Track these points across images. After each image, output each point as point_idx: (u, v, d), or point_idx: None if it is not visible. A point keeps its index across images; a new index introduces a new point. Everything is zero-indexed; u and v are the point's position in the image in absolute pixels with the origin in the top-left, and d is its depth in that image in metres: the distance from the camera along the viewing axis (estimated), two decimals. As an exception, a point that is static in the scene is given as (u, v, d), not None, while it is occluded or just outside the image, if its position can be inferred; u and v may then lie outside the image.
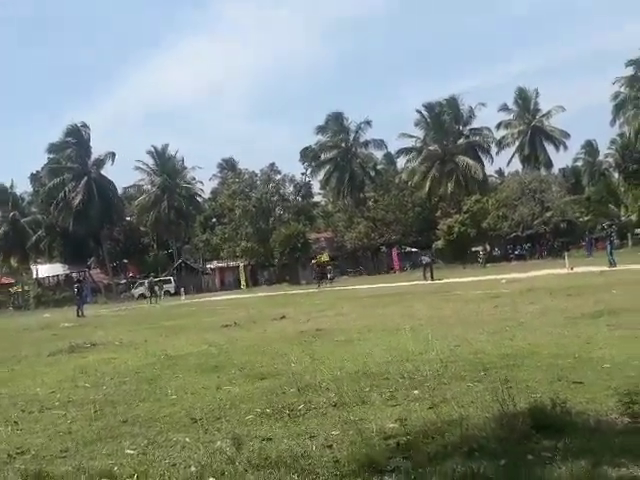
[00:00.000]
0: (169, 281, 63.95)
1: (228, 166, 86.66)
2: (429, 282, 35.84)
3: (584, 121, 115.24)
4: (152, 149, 74.75)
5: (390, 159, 77.24)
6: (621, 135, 72.03)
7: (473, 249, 60.01)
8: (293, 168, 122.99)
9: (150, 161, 74.85)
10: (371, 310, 19.12)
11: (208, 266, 71.37)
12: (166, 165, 74.41)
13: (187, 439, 6.06)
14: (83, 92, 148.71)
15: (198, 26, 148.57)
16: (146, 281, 53.19)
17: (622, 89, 62.61)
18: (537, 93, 71.27)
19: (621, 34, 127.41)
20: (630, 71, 60.98)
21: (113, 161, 70.49)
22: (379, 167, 74.11)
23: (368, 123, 70.15)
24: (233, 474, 4.80)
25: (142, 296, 59.95)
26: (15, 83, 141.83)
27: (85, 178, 67.78)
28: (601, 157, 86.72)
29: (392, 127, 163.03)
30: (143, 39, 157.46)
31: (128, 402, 8.30)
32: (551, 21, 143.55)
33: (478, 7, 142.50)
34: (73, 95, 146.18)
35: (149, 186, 75.56)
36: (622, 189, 65.76)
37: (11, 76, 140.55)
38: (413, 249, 67.14)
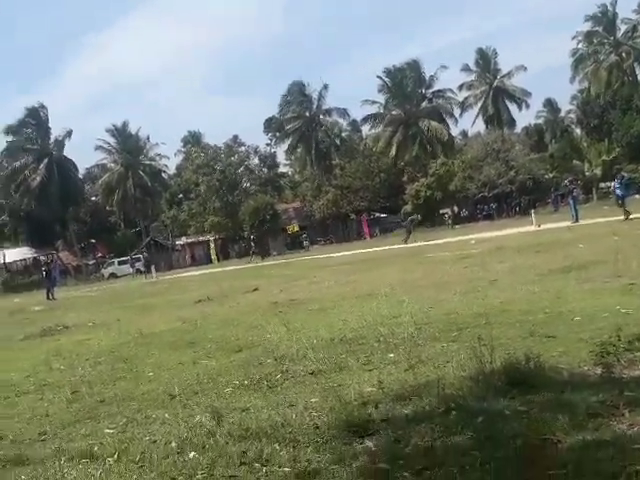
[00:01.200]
0: (139, 259, 63.50)
1: (193, 140, 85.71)
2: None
3: (545, 79, 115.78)
4: (112, 127, 73.82)
5: (355, 126, 76.98)
6: (581, 91, 72.66)
7: (441, 211, 60.43)
8: (258, 140, 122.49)
9: (111, 139, 73.99)
10: (344, 277, 19.15)
11: (178, 242, 70.90)
12: (128, 142, 73.46)
13: (166, 415, 6.05)
14: (37, 75, 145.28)
15: (151, 4, 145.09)
16: (142, 257, 52.71)
17: (580, 45, 62.97)
18: (496, 53, 71.65)
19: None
20: (588, 26, 61.31)
21: (70, 137, 69.62)
22: (344, 134, 73.78)
23: (326, 87, 69.59)
24: (214, 447, 4.80)
25: (113, 275, 59.55)
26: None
27: (46, 159, 66.69)
28: (562, 114, 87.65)
29: (356, 95, 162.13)
30: (95, 18, 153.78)
31: (104, 382, 8.25)
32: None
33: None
34: (28, 78, 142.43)
35: (113, 165, 74.59)
36: (585, 144, 66.42)
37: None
38: (382, 215, 67.42)
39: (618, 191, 29.05)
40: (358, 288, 15.11)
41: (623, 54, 60.35)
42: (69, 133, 69.32)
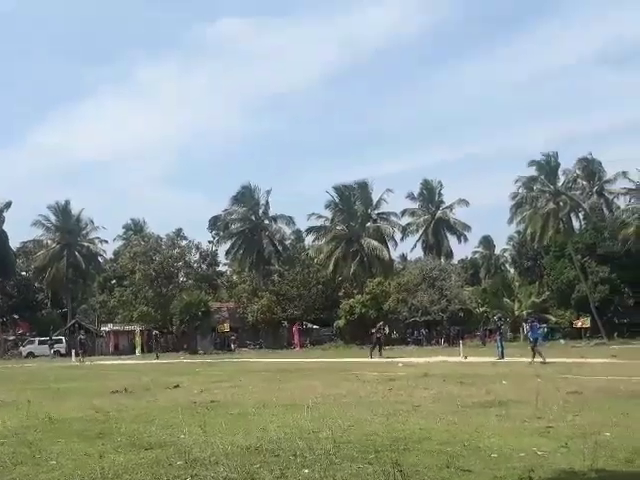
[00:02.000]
0: (60, 341, 61.45)
1: (135, 228, 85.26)
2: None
3: (486, 215, 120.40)
4: (54, 204, 73.02)
5: (299, 236, 77.95)
6: (518, 232, 75.63)
7: (373, 330, 60.61)
8: (200, 236, 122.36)
9: (52, 217, 72.98)
10: (269, 385, 18.90)
11: (103, 329, 68.96)
12: (68, 222, 72.60)
13: (63, 509, 5.76)
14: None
15: (114, 86, 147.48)
16: (80, 336, 50.73)
17: (520, 190, 65.96)
18: (441, 185, 74.41)
19: (522, 137, 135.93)
20: (531, 172, 64.45)
21: (8, 209, 68.34)
22: (287, 242, 74.53)
23: (269, 192, 70.88)
24: None
25: (31, 354, 57.30)
26: None
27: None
28: (498, 251, 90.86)
29: (300, 206, 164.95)
30: (54, 96, 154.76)
31: (4, 465, 7.88)
32: (463, 120, 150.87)
33: (393, 100, 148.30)
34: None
35: (49, 242, 73.30)
36: (517, 284, 68.52)
37: None
38: (314, 326, 67.28)
39: (530, 334, 30.04)
40: (282, 397, 14.91)
41: (560, 203, 63.39)
42: (8, 205, 68.38)
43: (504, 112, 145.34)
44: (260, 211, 71.35)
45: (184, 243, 69.69)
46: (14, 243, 73.01)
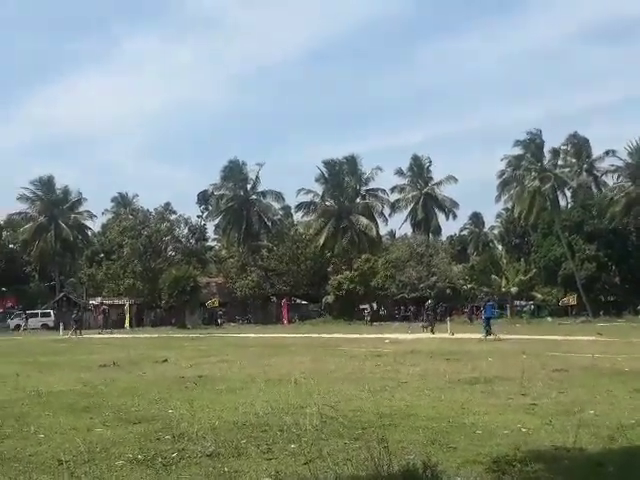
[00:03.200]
0: (48, 314, 61.41)
1: (123, 201, 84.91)
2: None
3: (473, 192, 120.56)
4: (38, 179, 72.80)
5: (288, 212, 77.83)
6: (506, 210, 75.86)
7: (361, 306, 60.95)
8: (189, 210, 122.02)
9: (37, 190, 72.57)
10: (257, 359, 18.97)
11: (91, 302, 68.84)
12: (54, 195, 72.32)
13: (51, 482, 5.78)
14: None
15: (99, 58, 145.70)
16: (74, 313, 50.45)
17: (507, 168, 66.09)
18: (430, 162, 74.37)
19: (509, 116, 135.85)
20: (517, 151, 64.55)
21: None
22: (276, 218, 74.39)
23: (260, 166, 70.62)
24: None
25: (17, 327, 57.16)
26: None
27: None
28: (486, 229, 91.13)
29: (291, 181, 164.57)
30: (38, 69, 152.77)
31: (-9, 438, 7.86)
32: (450, 95, 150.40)
33: (382, 74, 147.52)
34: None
35: (36, 214, 72.94)
36: (504, 261, 68.90)
37: None
38: (303, 301, 67.50)
39: (484, 313, 31.60)
40: (269, 372, 14.97)
41: (547, 181, 63.56)
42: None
43: (493, 88, 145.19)
44: (248, 186, 71.08)
45: (173, 217, 69.49)
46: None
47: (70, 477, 5.98)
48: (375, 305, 63.42)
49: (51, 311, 62.48)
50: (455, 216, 75.53)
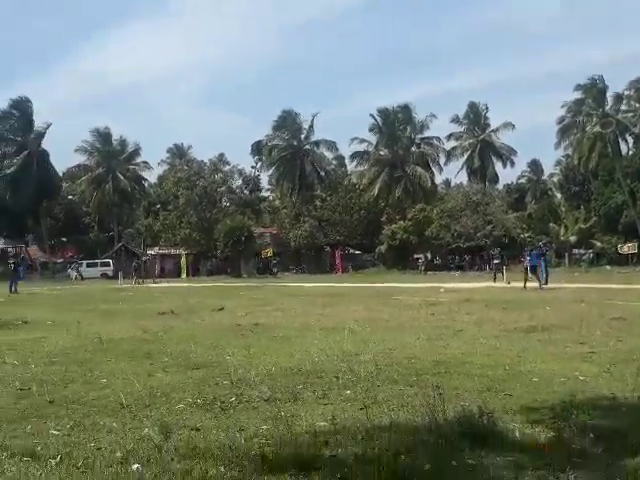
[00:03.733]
0: (107, 264, 63.06)
1: (178, 152, 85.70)
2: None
3: (532, 139, 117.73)
4: (96, 129, 73.40)
5: (341, 162, 77.36)
6: (566, 157, 73.84)
7: (415, 256, 60.70)
8: (243, 160, 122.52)
9: (95, 142, 73.32)
10: (311, 308, 19.13)
11: (149, 252, 70.32)
12: (111, 146, 73.14)
13: (114, 424, 5.98)
14: (37, 65, 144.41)
15: (154, 10, 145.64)
16: (135, 262, 51.89)
17: (567, 114, 64.10)
18: (487, 108, 72.49)
19: (571, 59, 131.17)
20: (577, 95, 62.49)
21: (47, 130, 68.72)
22: (330, 168, 74.07)
23: (315, 116, 69.94)
24: (159, 461, 4.75)
25: (79, 276, 58.73)
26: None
27: (26, 151, 65.97)
28: (545, 176, 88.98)
29: (344, 131, 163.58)
30: (99, 19, 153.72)
31: (56, 383, 8.16)
32: (507, 39, 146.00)
33: (435, 19, 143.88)
34: (27, 66, 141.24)
35: (94, 166, 74.12)
36: (563, 209, 67.41)
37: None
38: (356, 251, 67.56)
39: (529, 261, 29.60)
40: (324, 320, 15.10)
41: (608, 126, 61.48)
42: (48, 126, 68.72)
43: (552, 32, 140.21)
44: (302, 136, 70.71)
45: (227, 168, 69.83)
46: (58, 168, 73.95)
47: (132, 419, 6.17)
48: (429, 255, 63.04)
49: (110, 261, 64.06)
50: (513, 164, 73.87)
